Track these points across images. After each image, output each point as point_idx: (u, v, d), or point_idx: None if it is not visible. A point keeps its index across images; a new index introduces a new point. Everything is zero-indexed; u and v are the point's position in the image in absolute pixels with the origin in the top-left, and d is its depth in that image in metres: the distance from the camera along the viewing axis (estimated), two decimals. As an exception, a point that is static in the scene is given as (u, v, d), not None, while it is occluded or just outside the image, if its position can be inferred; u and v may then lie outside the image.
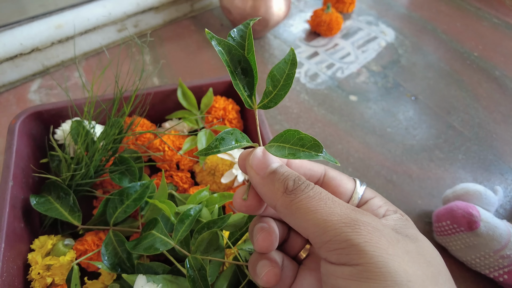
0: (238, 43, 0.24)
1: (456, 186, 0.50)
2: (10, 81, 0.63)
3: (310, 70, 0.72)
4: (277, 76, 0.24)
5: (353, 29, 0.82)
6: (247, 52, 0.24)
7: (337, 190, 0.26)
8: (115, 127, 0.40)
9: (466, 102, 0.69)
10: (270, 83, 0.24)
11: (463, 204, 0.46)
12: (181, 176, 0.45)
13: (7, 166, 0.42)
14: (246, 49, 0.24)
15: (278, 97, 0.24)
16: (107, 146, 0.38)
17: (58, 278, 0.37)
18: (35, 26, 0.61)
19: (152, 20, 0.75)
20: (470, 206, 0.46)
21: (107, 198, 0.38)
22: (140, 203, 0.37)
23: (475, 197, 0.48)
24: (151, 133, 0.45)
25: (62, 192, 0.39)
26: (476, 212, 0.45)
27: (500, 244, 0.44)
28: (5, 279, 0.35)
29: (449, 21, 0.87)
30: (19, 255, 0.39)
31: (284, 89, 0.24)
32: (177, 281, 0.34)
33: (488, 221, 0.44)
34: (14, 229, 0.39)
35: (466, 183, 0.50)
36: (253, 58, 0.24)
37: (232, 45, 0.23)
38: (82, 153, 0.38)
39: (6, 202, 0.40)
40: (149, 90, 0.50)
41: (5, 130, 0.57)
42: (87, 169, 0.39)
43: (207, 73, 0.68)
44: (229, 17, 0.72)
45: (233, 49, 0.23)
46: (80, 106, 0.48)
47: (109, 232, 0.36)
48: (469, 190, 0.48)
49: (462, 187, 0.49)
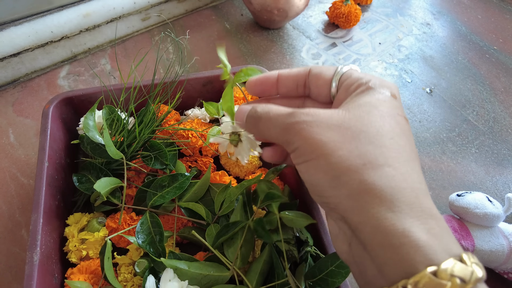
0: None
1: (461, 199, 0.47)
2: (41, 67, 0.66)
3: (328, 61, 0.73)
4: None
5: (371, 21, 0.83)
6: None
7: (320, 78, 0.31)
8: (150, 115, 0.43)
9: (483, 96, 0.69)
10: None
11: (456, 236, 0.45)
12: (205, 161, 0.48)
13: (42, 148, 0.46)
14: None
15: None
16: (144, 136, 0.41)
17: (92, 251, 0.40)
18: (65, 14, 0.64)
19: (175, 10, 0.77)
20: (464, 236, 0.44)
21: (148, 181, 0.41)
22: (179, 192, 0.40)
23: (476, 218, 0.45)
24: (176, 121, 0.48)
25: (100, 173, 0.43)
26: (470, 244, 0.44)
27: (498, 262, 0.44)
28: (44, 250, 0.39)
29: (469, 13, 0.87)
30: (55, 230, 0.43)
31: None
32: (205, 275, 0.37)
33: (483, 248, 0.44)
34: (50, 206, 0.43)
35: (472, 194, 0.47)
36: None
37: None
38: (118, 140, 0.41)
39: (43, 181, 0.43)
40: (182, 77, 0.52)
41: (37, 113, 0.61)
42: (125, 155, 0.42)
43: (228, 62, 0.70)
44: (249, 7, 0.73)
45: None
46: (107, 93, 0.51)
47: (146, 213, 0.39)
48: (469, 208, 0.45)
49: (466, 202, 0.46)
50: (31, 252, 0.37)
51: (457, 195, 0.47)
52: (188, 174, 0.43)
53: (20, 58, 0.63)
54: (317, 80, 0.31)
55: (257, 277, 0.37)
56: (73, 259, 0.40)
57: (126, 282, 0.38)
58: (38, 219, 0.40)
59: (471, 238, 0.44)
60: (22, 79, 0.65)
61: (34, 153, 0.56)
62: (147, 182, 0.43)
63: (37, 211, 0.40)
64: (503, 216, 0.44)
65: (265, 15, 0.72)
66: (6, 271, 0.45)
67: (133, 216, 0.42)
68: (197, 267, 0.37)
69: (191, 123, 0.50)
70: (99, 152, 0.43)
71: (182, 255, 0.38)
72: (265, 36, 0.77)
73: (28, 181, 0.53)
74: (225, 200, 0.43)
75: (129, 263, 0.40)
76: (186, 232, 0.43)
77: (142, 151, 0.44)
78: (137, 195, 0.43)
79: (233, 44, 0.74)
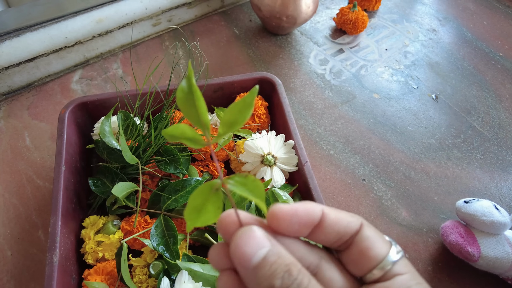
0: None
1: (469, 206, 0.47)
2: (55, 71, 0.68)
3: (335, 67, 0.75)
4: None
5: (378, 27, 0.84)
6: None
7: (367, 254, 0.21)
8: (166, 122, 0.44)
9: (488, 103, 0.70)
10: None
11: (463, 242, 0.46)
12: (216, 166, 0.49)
13: (59, 152, 0.47)
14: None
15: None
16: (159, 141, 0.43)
17: (108, 253, 0.41)
18: (79, 20, 0.66)
19: (185, 15, 0.78)
20: (470, 243, 0.45)
21: (162, 185, 0.43)
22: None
23: (483, 225, 0.46)
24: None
25: (116, 177, 0.44)
26: (475, 250, 0.44)
27: (503, 269, 0.45)
28: (63, 252, 0.40)
29: (475, 19, 0.88)
30: (71, 232, 0.44)
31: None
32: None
33: (489, 255, 0.44)
34: (67, 209, 0.44)
35: (479, 202, 0.47)
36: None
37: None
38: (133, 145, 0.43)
39: (61, 184, 0.45)
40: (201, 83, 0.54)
41: (51, 117, 0.62)
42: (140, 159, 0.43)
43: (236, 68, 0.72)
44: (258, 14, 0.74)
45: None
46: (121, 98, 0.53)
47: (160, 216, 0.41)
48: (476, 215, 0.46)
49: (473, 209, 0.46)
50: (51, 254, 0.39)
51: (464, 201, 0.48)
52: (201, 179, 0.44)
53: (35, 63, 0.64)
54: (364, 251, 0.21)
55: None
56: (90, 260, 0.42)
57: (141, 283, 0.40)
58: (57, 222, 0.41)
59: (477, 244, 0.45)
60: (36, 83, 0.67)
61: (49, 156, 0.58)
62: (161, 186, 0.44)
63: (55, 214, 0.42)
64: (509, 224, 0.45)
65: (274, 22, 0.73)
66: (24, 271, 0.46)
67: (147, 219, 0.44)
68: (211, 269, 0.38)
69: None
70: (115, 157, 0.44)
71: (196, 258, 0.40)
72: (273, 42, 0.78)
73: (44, 183, 0.54)
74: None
75: (144, 265, 0.41)
76: (199, 235, 0.44)
77: (156, 156, 0.46)
78: (151, 198, 0.44)
79: (242, 50, 0.75)
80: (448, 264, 0.50)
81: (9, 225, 0.50)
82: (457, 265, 0.50)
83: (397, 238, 0.53)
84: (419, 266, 0.50)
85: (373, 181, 0.58)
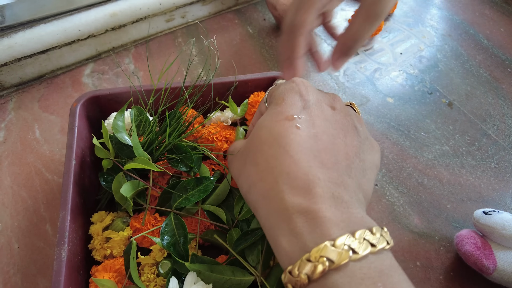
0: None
1: (488, 217, 0.46)
2: (67, 64, 0.68)
3: (349, 69, 0.74)
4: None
5: (393, 30, 0.83)
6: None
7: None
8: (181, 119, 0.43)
9: (504, 111, 0.69)
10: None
11: (479, 254, 0.45)
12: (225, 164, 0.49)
13: (70, 146, 0.47)
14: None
15: None
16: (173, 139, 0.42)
17: (116, 250, 0.41)
18: (92, 13, 0.65)
19: (199, 12, 0.78)
20: (486, 255, 0.44)
21: (173, 183, 0.42)
22: (204, 195, 0.41)
23: (502, 239, 0.44)
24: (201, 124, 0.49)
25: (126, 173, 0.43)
26: (491, 264, 0.43)
27: None
28: (71, 247, 0.40)
29: (492, 25, 0.86)
30: (80, 228, 0.44)
31: None
32: (227, 279, 0.37)
33: (505, 269, 0.43)
34: (76, 204, 0.44)
35: (500, 214, 0.46)
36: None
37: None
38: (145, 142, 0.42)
39: (71, 178, 0.44)
40: (215, 80, 0.53)
41: (62, 110, 0.62)
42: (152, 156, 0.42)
43: (249, 67, 0.71)
44: (273, 12, 0.74)
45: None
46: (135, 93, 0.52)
47: (170, 215, 0.40)
48: (496, 228, 0.44)
49: (493, 222, 0.45)
50: (60, 249, 0.38)
51: (483, 212, 0.47)
52: (212, 178, 0.43)
53: (47, 55, 0.64)
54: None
55: (277, 281, 0.38)
56: (98, 257, 0.41)
57: (149, 282, 0.39)
58: (66, 216, 0.41)
59: (494, 258, 0.43)
60: (48, 75, 0.66)
61: (59, 149, 0.57)
62: (172, 184, 0.43)
63: (64, 208, 0.41)
64: None
65: (288, 21, 0.72)
66: (31, 264, 0.46)
67: (157, 217, 0.43)
68: (220, 271, 0.37)
69: (216, 127, 0.51)
70: (127, 152, 0.44)
71: (205, 259, 0.39)
72: (286, 41, 0.77)
73: (53, 177, 0.54)
74: (245, 205, 0.44)
75: (152, 264, 0.41)
76: (209, 235, 0.43)
77: (167, 154, 0.45)
78: (161, 196, 0.44)
79: (255, 49, 0.75)
80: (460, 274, 0.49)
81: (17, 218, 0.50)
82: (469, 276, 0.49)
83: (409, 245, 0.52)
84: (430, 275, 0.49)
85: (386, 186, 0.57)
